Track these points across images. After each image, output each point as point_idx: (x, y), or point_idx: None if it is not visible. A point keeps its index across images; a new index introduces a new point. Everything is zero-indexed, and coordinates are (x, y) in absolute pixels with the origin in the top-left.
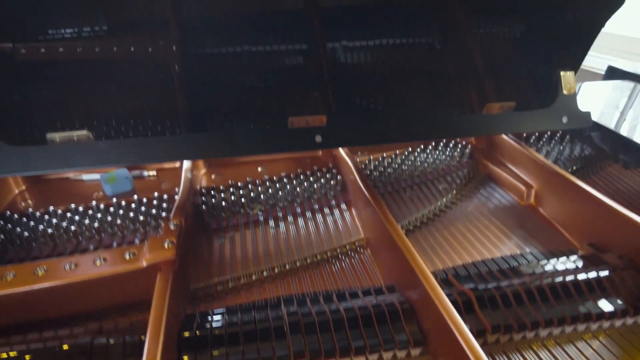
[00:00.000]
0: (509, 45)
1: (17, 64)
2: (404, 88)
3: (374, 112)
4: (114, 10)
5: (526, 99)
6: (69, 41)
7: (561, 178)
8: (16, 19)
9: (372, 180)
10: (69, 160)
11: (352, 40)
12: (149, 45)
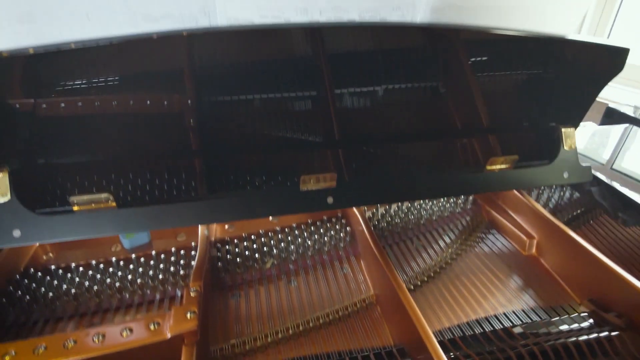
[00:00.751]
0: (513, 101)
1: (38, 121)
2: (411, 143)
3: (383, 172)
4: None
5: (528, 153)
6: (87, 94)
7: (561, 232)
8: (35, 75)
9: (380, 230)
10: (93, 228)
11: (359, 96)
12: (164, 99)
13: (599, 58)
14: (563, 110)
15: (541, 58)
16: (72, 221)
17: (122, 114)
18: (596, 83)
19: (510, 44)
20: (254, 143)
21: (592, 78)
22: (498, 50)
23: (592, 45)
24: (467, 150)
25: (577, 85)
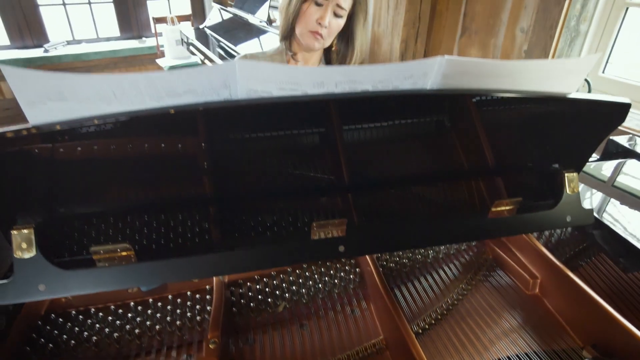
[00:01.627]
0: (517, 148)
1: (61, 177)
2: (419, 188)
3: (392, 219)
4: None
5: (532, 198)
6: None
7: (563, 274)
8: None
9: (389, 270)
10: (114, 281)
11: (367, 141)
12: (180, 150)
13: (601, 112)
14: (566, 157)
15: (545, 112)
16: (94, 274)
17: (139, 165)
18: (600, 133)
19: (515, 99)
20: (265, 191)
21: (595, 129)
22: (504, 104)
23: (595, 101)
24: (474, 193)
25: (581, 135)
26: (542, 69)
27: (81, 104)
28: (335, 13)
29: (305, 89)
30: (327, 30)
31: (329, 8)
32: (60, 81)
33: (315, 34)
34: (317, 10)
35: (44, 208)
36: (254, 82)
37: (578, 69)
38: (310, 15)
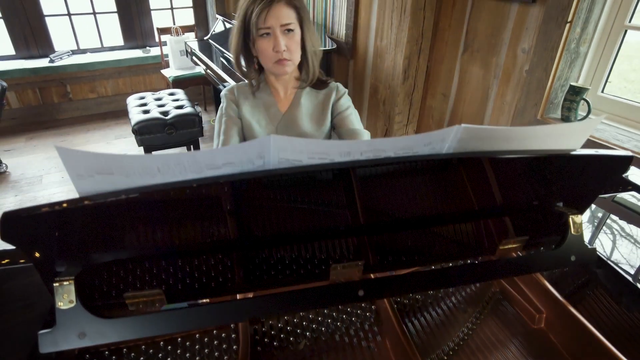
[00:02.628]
0: (524, 192)
1: (98, 227)
2: (434, 231)
3: (409, 262)
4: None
5: (538, 237)
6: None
7: (566, 311)
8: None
9: (403, 305)
10: (147, 329)
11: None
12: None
13: (605, 164)
14: (571, 201)
15: (552, 166)
16: (130, 322)
17: (174, 221)
18: (604, 181)
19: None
20: (288, 238)
21: (600, 178)
22: (514, 160)
23: (599, 156)
24: (483, 232)
25: (586, 183)
26: (551, 132)
27: (127, 178)
28: (286, 29)
29: (333, 158)
30: (287, 52)
31: (277, 32)
32: (109, 160)
33: (281, 62)
34: (268, 42)
35: (84, 261)
36: (286, 152)
37: (583, 130)
38: (266, 50)
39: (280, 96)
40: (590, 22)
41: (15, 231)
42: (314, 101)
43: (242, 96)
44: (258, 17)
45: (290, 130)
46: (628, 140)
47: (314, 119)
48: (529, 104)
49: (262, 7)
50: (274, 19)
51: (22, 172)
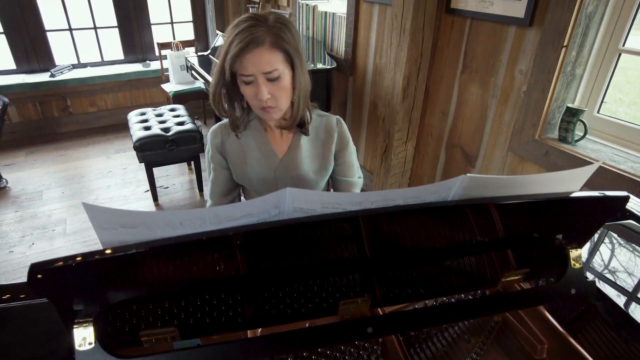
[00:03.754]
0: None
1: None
2: (435, 267)
3: (413, 296)
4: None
5: (538, 271)
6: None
7: (567, 343)
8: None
9: (409, 337)
10: None
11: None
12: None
13: (602, 205)
14: (571, 237)
15: (552, 207)
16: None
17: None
18: (602, 218)
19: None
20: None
21: (598, 216)
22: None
23: (597, 197)
24: (486, 265)
25: (585, 221)
26: (552, 178)
27: (149, 230)
28: (269, 78)
29: (345, 207)
30: (272, 100)
31: (259, 80)
32: (134, 216)
33: (266, 109)
34: (251, 89)
35: (103, 302)
36: (301, 202)
37: (582, 174)
38: (249, 97)
39: (275, 136)
40: (585, 45)
41: (41, 281)
42: (315, 140)
43: (231, 139)
44: (238, 62)
45: (291, 174)
46: (624, 161)
47: (317, 161)
48: (527, 124)
49: (240, 51)
50: (254, 66)
51: (22, 188)
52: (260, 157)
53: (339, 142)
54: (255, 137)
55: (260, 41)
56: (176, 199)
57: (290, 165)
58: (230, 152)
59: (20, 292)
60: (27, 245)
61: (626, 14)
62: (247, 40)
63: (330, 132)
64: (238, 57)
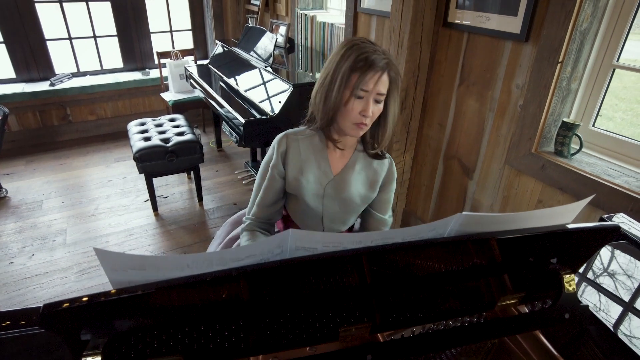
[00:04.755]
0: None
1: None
2: (433, 292)
3: (412, 321)
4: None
5: (533, 296)
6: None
7: None
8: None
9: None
10: None
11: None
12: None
13: (595, 235)
14: (565, 263)
15: (547, 238)
16: None
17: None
18: (595, 246)
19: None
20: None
21: (591, 244)
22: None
23: (589, 229)
24: (484, 290)
25: (579, 249)
26: (547, 214)
27: (158, 272)
28: (376, 100)
29: (345, 246)
30: (370, 119)
31: (370, 98)
32: (143, 260)
33: (360, 125)
34: (359, 103)
35: (110, 335)
36: (303, 242)
37: (575, 208)
38: (353, 110)
39: (335, 155)
40: (580, 61)
41: (54, 320)
42: (367, 168)
43: (294, 147)
44: (362, 76)
45: (339, 193)
46: (619, 175)
47: (367, 184)
48: (523, 138)
49: (370, 71)
50: (374, 85)
51: (22, 197)
52: (316, 171)
53: (387, 176)
54: (315, 153)
55: (385, 67)
56: (176, 208)
57: (341, 184)
58: (291, 162)
59: (20, 319)
60: (28, 257)
61: (620, 31)
62: (376, 61)
63: (382, 166)
64: (366, 76)
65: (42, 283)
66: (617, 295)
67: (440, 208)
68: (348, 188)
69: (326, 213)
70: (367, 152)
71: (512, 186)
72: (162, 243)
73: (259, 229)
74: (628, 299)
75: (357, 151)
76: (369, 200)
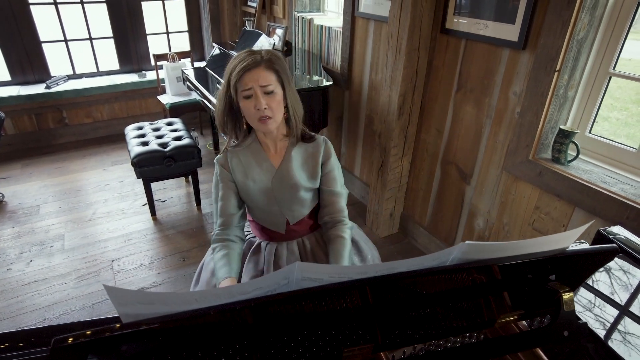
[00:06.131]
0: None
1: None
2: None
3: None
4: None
5: (531, 310)
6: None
7: None
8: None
9: None
10: None
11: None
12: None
13: (593, 257)
14: (563, 282)
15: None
16: None
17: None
18: (594, 267)
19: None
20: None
21: (590, 265)
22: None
23: (587, 252)
24: (483, 307)
25: (577, 269)
26: (547, 241)
27: (166, 306)
28: (265, 92)
29: (350, 276)
30: (269, 110)
31: (258, 92)
32: (153, 297)
33: (262, 119)
34: (250, 102)
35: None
36: (309, 273)
37: (571, 235)
38: (248, 110)
39: (271, 152)
40: (577, 69)
41: (62, 354)
42: (304, 154)
43: (234, 159)
44: (239, 79)
45: (285, 182)
46: (615, 182)
47: (307, 170)
48: (520, 145)
49: (242, 70)
50: (253, 81)
51: (19, 202)
52: (260, 171)
53: (324, 155)
54: (254, 156)
55: (257, 63)
56: (174, 212)
57: (285, 173)
58: (235, 170)
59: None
60: (26, 263)
61: (616, 39)
62: (246, 62)
63: (317, 147)
64: (240, 76)
65: (40, 290)
66: (613, 298)
67: (438, 213)
68: (292, 175)
69: (281, 204)
70: (297, 139)
71: (509, 192)
72: (160, 248)
73: (229, 238)
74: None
75: (290, 142)
76: (315, 181)
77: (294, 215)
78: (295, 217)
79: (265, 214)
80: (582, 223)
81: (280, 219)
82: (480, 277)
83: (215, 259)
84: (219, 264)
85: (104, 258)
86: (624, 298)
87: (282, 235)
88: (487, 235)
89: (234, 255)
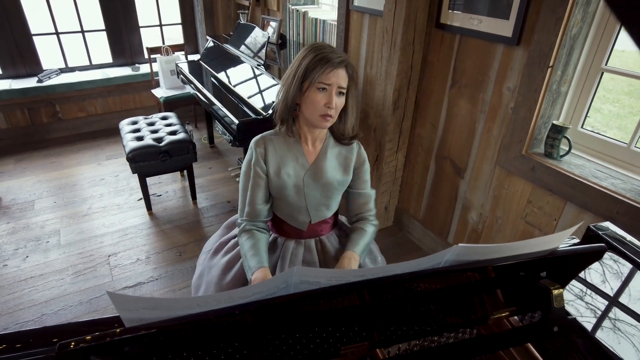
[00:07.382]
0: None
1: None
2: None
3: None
4: None
5: (523, 311)
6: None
7: None
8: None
9: None
10: None
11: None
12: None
13: (582, 256)
14: (554, 279)
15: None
16: None
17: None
18: (583, 264)
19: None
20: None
21: (579, 263)
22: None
23: (577, 251)
24: (477, 305)
25: (567, 267)
26: (538, 243)
27: (169, 311)
28: (339, 92)
29: (348, 279)
30: (334, 110)
31: (333, 90)
32: (155, 302)
33: (325, 117)
34: (323, 96)
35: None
36: (308, 277)
37: (563, 235)
38: (317, 102)
39: (308, 148)
40: (570, 65)
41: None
42: (338, 155)
43: (271, 146)
44: (322, 73)
45: (317, 180)
46: (605, 177)
47: (340, 169)
48: (514, 140)
49: (328, 66)
50: (335, 78)
51: (13, 197)
52: (295, 164)
53: (357, 159)
54: (290, 149)
55: (341, 63)
56: (170, 207)
57: (318, 171)
58: (270, 161)
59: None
60: (22, 259)
61: (608, 35)
62: (334, 59)
63: (351, 150)
64: (326, 70)
65: (37, 285)
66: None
67: (432, 206)
68: (325, 174)
69: (309, 201)
70: (335, 141)
71: (502, 186)
72: (157, 243)
73: (256, 227)
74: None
75: (327, 141)
76: (345, 182)
77: (319, 215)
78: (319, 216)
79: (291, 208)
80: (574, 217)
81: (304, 217)
82: (474, 274)
83: (244, 249)
84: (249, 254)
85: (100, 253)
86: (615, 286)
87: (302, 233)
88: (480, 229)
89: (262, 245)
